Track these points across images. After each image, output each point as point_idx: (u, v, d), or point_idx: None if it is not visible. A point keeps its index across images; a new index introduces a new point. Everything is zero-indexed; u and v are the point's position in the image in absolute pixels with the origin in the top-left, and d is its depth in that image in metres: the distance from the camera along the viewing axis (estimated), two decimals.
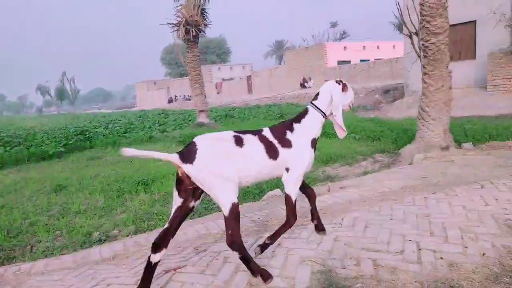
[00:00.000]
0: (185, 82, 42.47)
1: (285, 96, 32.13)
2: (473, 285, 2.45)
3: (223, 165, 2.44)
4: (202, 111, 17.00)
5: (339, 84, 2.98)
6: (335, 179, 6.92)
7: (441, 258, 2.75)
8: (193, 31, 16.47)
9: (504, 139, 7.84)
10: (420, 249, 2.90)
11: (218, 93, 46.49)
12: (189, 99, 42.50)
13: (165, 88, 58.87)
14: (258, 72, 44.15)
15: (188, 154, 2.42)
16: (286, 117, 20.04)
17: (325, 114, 2.91)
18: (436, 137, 7.10)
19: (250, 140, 2.63)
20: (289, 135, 2.76)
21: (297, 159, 2.73)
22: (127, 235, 4.48)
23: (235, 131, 2.65)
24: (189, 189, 2.47)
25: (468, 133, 9.62)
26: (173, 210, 2.52)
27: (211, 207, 5.30)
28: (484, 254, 2.78)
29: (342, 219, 3.62)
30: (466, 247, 2.88)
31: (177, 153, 2.45)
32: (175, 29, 16.92)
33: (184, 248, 3.37)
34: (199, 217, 4.75)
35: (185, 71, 40.33)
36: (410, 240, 3.03)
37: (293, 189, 2.75)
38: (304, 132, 2.80)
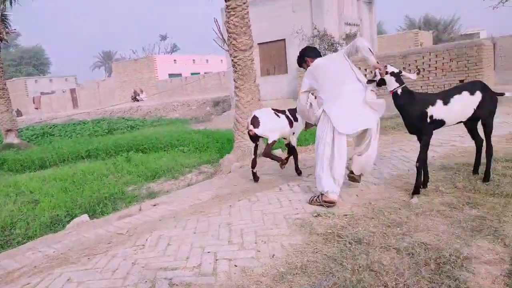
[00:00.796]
0: None
1: (116, 109, 30.53)
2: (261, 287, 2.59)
3: (273, 126, 5.13)
4: (9, 130, 14.76)
5: None
6: (158, 195, 6.76)
7: (235, 266, 2.86)
8: None
9: (299, 144, 8.91)
10: (216, 259, 2.96)
11: (36, 108, 41.28)
12: None
13: None
14: (84, 85, 40.95)
15: (255, 122, 5.07)
16: (115, 133, 19.05)
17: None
18: (250, 145, 7.60)
19: (280, 114, 5.31)
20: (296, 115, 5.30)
21: (299, 128, 5.42)
22: None
23: (273, 109, 5.44)
24: (257, 138, 5.24)
25: (281, 139, 10.68)
26: (253, 150, 5.51)
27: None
28: (273, 255, 2.99)
29: (147, 239, 3.48)
30: (259, 251, 3.07)
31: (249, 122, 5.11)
32: None
33: None
34: None
35: None
36: (208, 252, 3.08)
37: (295, 143, 5.55)
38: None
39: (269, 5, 17.99)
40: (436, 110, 3.86)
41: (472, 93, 3.93)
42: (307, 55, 4.50)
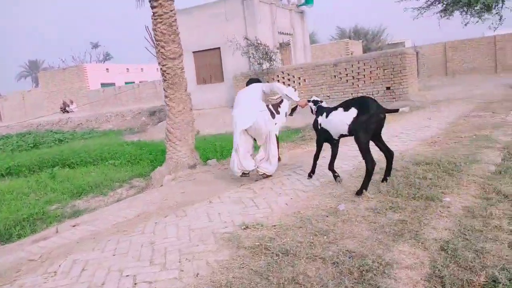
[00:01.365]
0: None
1: (44, 121, 28.61)
2: None
3: None
4: None
5: None
6: (84, 213, 6.30)
7: None
8: None
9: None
10: (136, 283, 2.75)
11: None
12: None
13: None
14: (7, 96, 38.04)
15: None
16: (42, 147, 17.76)
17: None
18: (183, 156, 7.38)
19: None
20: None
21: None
22: None
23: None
24: None
25: (218, 149, 10.54)
26: None
27: None
28: (198, 274, 2.84)
29: (60, 265, 3.17)
30: (182, 271, 2.90)
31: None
32: None
33: None
34: None
35: None
36: (127, 276, 2.86)
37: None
38: None
39: (203, 12, 17.89)
40: (322, 120, 4.69)
41: (346, 109, 4.28)
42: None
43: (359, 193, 4.14)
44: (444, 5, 9.13)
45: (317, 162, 5.43)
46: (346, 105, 4.34)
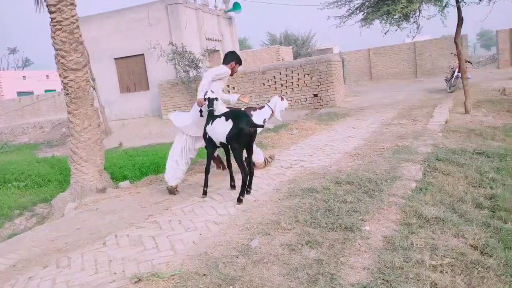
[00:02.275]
0: None
1: None
2: None
3: None
4: None
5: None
6: None
7: None
8: None
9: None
10: None
11: None
12: None
13: None
14: None
15: None
16: None
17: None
18: (91, 180, 6.58)
19: None
20: None
21: None
22: None
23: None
24: None
25: (138, 165, 9.74)
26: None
27: None
28: None
29: None
30: None
31: None
32: None
33: None
34: None
35: None
36: None
37: None
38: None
39: (124, 17, 16.85)
40: (208, 127, 4.87)
41: (226, 119, 4.61)
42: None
43: (239, 200, 4.43)
44: (365, 14, 9.11)
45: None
46: (226, 116, 4.67)
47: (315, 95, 14.35)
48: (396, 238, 3.23)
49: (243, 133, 4.45)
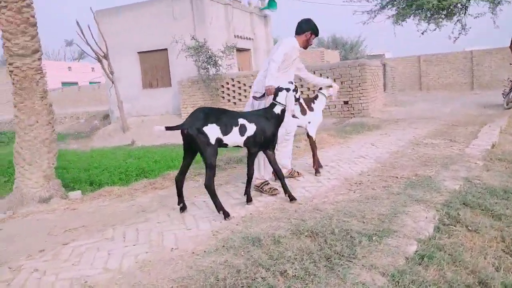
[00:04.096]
0: None
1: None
2: None
3: None
4: None
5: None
6: None
7: None
8: None
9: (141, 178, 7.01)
10: None
11: None
12: None
13: None
14: None
15: None
16: None
17: None
18: (34, 186, 5.49)
19: None
20: None
21: None
22: None
23: None
24: None
25: (123, 169, 8.62)
26: None
27: None
28: None
29: None
30: None
31: None
32: None
33: None
34: None
35: None
36: None
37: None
38: None
39: (148, 10, 16.01)
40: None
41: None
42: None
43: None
44: (397, 9, 7.41)
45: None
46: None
47: (346, 102, 12.67)
48: None
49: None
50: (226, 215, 3.68)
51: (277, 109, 4.09)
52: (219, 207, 3.74)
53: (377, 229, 3.18)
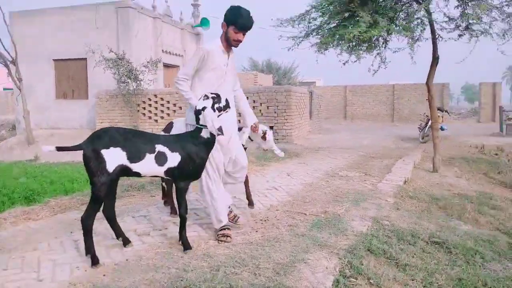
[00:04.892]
0: None
1: None
2: None
3: None
4: None
5: None
6: None
7: None
8: None
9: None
10: None
11: None
12: None
13: None
14: None
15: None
16: None
17: None
18: None
19: None
20: None
21: None
22: None
23: None
24: None
25: (20, 191, 7.48)
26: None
27: None
28: None
29: None
30: None
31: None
32: None
33: None
34: None
35: None
36: None
37: None
38: None
39: (71, 16, 14.85)
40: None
41: None
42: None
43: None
44: (320, 38, 7.30)
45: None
46: None
47: (271, 128, 12.40)
48: None
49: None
50: (94, 262, 3.02)
51: (205, 133, 3.36)
52: (88, 249, 3.08)
53: (268, 284, 2.70)
